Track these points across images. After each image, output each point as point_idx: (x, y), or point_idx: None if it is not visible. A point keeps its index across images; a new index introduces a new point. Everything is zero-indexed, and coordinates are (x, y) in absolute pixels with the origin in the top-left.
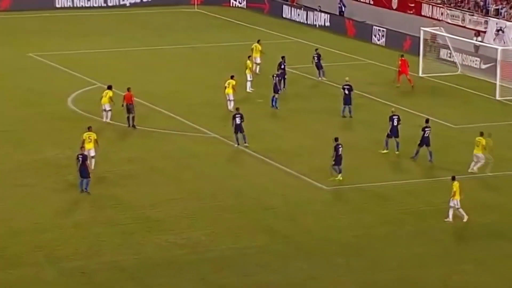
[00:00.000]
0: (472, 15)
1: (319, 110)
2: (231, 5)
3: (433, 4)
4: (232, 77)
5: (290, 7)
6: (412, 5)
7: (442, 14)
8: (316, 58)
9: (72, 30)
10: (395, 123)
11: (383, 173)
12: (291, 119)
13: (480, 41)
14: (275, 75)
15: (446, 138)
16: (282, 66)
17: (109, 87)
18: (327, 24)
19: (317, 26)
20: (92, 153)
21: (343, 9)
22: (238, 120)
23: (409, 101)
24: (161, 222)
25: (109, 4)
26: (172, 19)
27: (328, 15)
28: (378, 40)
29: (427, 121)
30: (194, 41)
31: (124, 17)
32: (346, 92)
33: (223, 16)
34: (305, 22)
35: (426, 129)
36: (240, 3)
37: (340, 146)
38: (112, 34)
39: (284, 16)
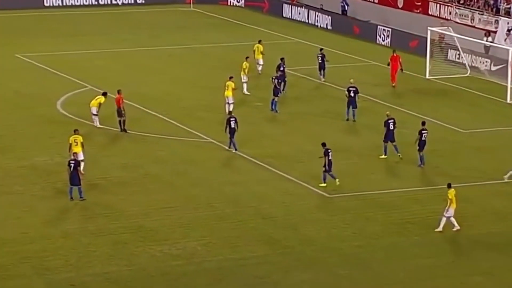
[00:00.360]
0: (482, 14)
1: (321, 114)
2: (229, 3)
3: (441, 2)
4: (230, 78)
5: (290, 6)
6: (419, 3)
7: (450, 13)
8: (320, 58)
9: (62, 30)
10: (391, 127)
11: (387, 180)
12: (291, 123)
13: (491, 42)
14: (274, 78)
15: (454, 143)
16: (282, 68)
17: (104, 94)
18: (329, 23)
19: (319, 27)
20: (81, 157)
21: (346, 8)
22: (233, 124)
23: (415, 104)
24: (155, 232)
25: (101, 3)
26: (167, 18)
27: (331, 15)
28: (383, 40)
29: (423, 123)
30: (190, 41)
31: (117, 17)
32: (352, 94)
33: (220, 15)
34: (307, 21)
35: (423, 132)
36: (238, 2)
37: (330, 151)
38: (104, 34)
39: (284, 15)
